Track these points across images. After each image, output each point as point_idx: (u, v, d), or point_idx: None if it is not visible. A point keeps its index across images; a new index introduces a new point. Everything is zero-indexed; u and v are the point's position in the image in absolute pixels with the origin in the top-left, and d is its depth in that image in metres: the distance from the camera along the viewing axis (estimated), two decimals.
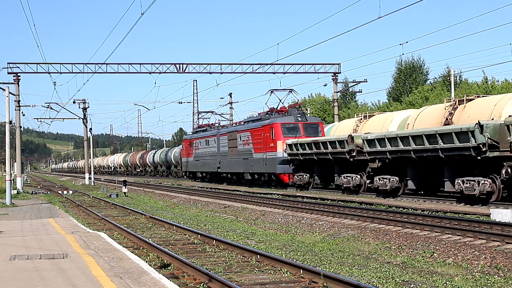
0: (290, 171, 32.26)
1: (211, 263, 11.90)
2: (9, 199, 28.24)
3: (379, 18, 27.45)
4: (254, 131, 35.51)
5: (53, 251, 11.90)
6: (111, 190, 40.93)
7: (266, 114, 36.03)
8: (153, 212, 24.97)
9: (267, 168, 33.86)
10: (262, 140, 34.25)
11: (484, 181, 18.64)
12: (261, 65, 45.23)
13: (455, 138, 19.26)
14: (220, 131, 41.99)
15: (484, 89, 51.59)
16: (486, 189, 18.59)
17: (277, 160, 32.52)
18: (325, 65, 46.72)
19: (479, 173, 19.26)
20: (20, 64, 44.29)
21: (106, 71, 43.95)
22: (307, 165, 31.18)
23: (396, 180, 23.42)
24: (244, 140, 36.93)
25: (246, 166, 36.74)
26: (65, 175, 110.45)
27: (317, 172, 30.65)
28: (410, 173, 22.98)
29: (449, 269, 11.43)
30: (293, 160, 31.70)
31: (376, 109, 65.62)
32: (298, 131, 32.86)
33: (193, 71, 45.38)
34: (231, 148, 39.07)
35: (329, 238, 16.32)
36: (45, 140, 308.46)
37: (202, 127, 49.40)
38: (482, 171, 19.16)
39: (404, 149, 21.96)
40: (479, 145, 18.27)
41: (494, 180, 18.64)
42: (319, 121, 35.01)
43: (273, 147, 32.86)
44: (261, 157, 34.28)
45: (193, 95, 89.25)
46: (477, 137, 18.27)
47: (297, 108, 35.19)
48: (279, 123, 32.85)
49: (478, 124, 18.31)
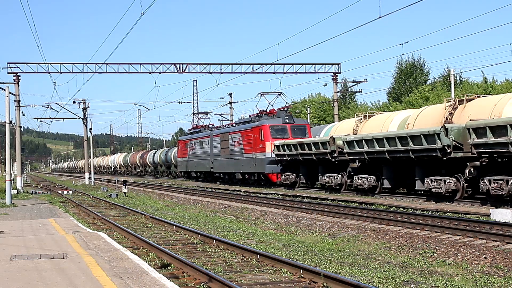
0: (278, 171, 33.63)
1: (211, 263, 11.90)
2: (9, 199, 28.24)
3: (379, 18, 27.43)
4: (244, 132, 37.01)
5: (53, 251, 11.90)
6: (111, 190, 40.93)
7: (256, 116, 37.50)
8: (153, 212, 24.97)
9: (257, 168, 35.31)
10: (252, 141, 35.69)
11: (449, 180, 20.29)
12: (261, 65, 45.22)
13: (424, 140, 20.78)
14: (213, 132, 43.69)
15: (484, 89, 51.56)
16: (451, 187, 20.20)
17: (265, 161, 33.99)
18: (325, 65, 46.70)
19: (445, 173, 20.77)
20: (20, 64, 44.30)
21: (106, 71, 43.93)
22: (294, 165, 32.54)
23: (373, 179, 24.91)
24: (235, 141, 38.45)
25: (237, 166, 38.20)
26: (65, 175, 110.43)
27: (302, 172, 32.05)
28: (386, 172, 24.40)
29: (449, 269, 11.43)
30: (281, 160, 33.05)
31: (376, 109, 65.58)
32: (286, 132, 34.32)
33: (193, 71, 45.38)
34: (223, 149, 40.63)
35: (329, 238, 16.32)
36: (45, 140, 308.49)
37: (197, 128, 51.18)
38: (448, 171, 20.69)
39: (379, 150, 23.47)
40: (445, 147, 19.75)
41: (458, 179, 20.27)
42: (306, 123, 36.58)
43: (262, 148, 34.32)
44: (251, 157, 35.73)
45: (193, 95, 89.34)
46: (443, 140, 19.77)
47: (285, 110, 36.33)
48: (268, 125, 34.35)
49: (443, 127, 19.85)
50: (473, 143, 18.77)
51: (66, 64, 43.87)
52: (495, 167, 18.74)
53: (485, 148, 18.44)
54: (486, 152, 18.59)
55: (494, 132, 18.09)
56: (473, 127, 18.84)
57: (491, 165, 18.95)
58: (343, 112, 65.79)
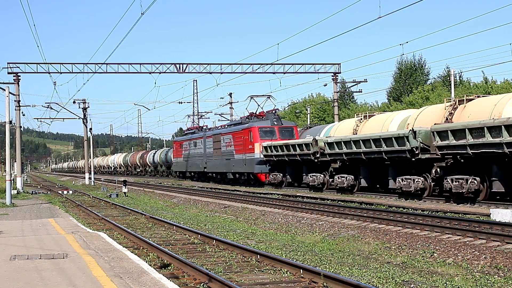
0: (266, 170, 35.35)
1: (211, 263, 11.90)
2: (9, 199, 28.22)
3: (379, 18, 27.42)
4: (235, 134, 38.78)
5: (53, 251, 11.90)
6: (111, 190, 40.93)
7: (246, 118, 39.38)
8: (153, 212, 24.97)
9: (246, 168, 37.09)
10: (242, 142, 37.40)
11: (418, 179, 22.08)
12: (261, 65, 45.16)
13: (395, 142, 22.59)
14: (206, 133, 45.58)
15: (484, 89, 51.54)
16: (419, 186, 21.98)
17: (254, 161, 35.74)
18: (325, 65, 46.64)
19: (415, 173, 22.51)
20: (20, 64, 44.20)
21: (106, 71, 43.87)
22: (281, 165, 34.30)
23: (352, 179, 26.83)
24: (226, 142, 40.23)
25: (229, 166, 39.94)
26: (65, 175, 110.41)
27: (289, 171, 33.75)
28: (363, 172, 26.32)
29: (449, 269, 11.43)
30: (269, 160, 34.76)
31: (376, 109, 65.55)
32: (274, 134, 36.01)
33: (193, 71, 45.32)
34: (215, 150, 42.47)
35: (329, 238, 16.31)
36: (45, 140, 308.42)
37: (191, 129, 53.11)
38: (417, 171, 22.43)
39: (356, 151, 25.27)
40: (413, 149, 21.58)
41: (426, 178, 22.06)
42: (294, 125, 38.41)
43: (251, 149, 36.06)
44: (241, 158, 37.51)
45: (193, 95, 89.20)
46: (411, 142, 21.62)
47: (273, 113, 37.77)
48: (257, 127, 36.11)
49: (411, 131, 21.68)
50: (437, 145, 20.43)
51: (66, 64, 43.83)
52: (458, 168, 20.29)
53: (448, 150, 20.08)
54: (449, 153, 20.20)
55: (455, 135, 19.69)
56: (437, 130, 20.50)
57: (454, 166, 20.48)
58: (343, 112, 65.79)
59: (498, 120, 18.23)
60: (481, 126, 18.59)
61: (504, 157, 18.27)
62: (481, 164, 19.57)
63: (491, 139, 18.17)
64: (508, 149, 17.68)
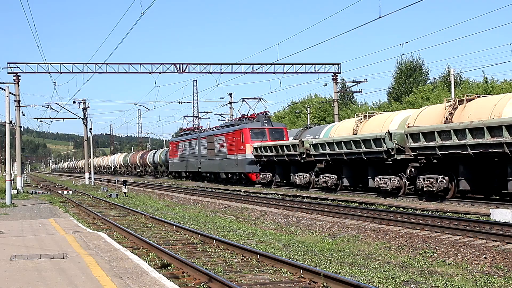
0: (257, 170, 36.70)
1: (211, 263, 11.90)
2: (9, 199, 28.23)
3: (379, 18, 27.43)
4: (227, 135, 40.25)
5: (53, 251, 11.90)
6: (111, 190, 40.92)
7: (238, 120, 41.02)
8: (153, 212, 24.96)
9: (238, 168, 38.49)
10: (234, 143, 38.86)
11: (394, 179, 23.49)
12: (261, 65, 45.15)
13: (373, 143, 23.90)
14: (201, 134, 47.02)
15: (484, 89, 51.51)
16: (395, 185, 23.40)
17: (245, 161, 37.09)
18: (325, 65, 46.63)
19: (391, 172, 23.91)
20: (20, 64, 44.19)
21: (106, 71, 43.85)
22: (270, 166, 35.75)
23: (335, 178, 28.19)
24: (220, 143, 41.65)
25: (222, 166, 41.34)
26: (65, 175, 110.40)
27: (278, 171, 35.25)
28: (345, 172, 27.72)
29: (449, 269, 11.43)
30: (259, 161, 36.13)
31: (376, 109, 65.52)
32: (265, 135, 37.36)
33: (193, 71, 45.30)
34: (209, 150, 43.89)
35: (329, 238, 16.32)
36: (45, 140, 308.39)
37: (186, 130, 54.46)
38: (393, 171, 23.82)
39: (339, 152, 26.62)
40: (389, 150, 22.95)
41: (401, 177, 23.43)
42: (284, 127, 39.82)
43: (243, 150, 37.43)
44: (233, 158, 38.88)
45: (193, 95, 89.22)
46: (387, 143, 22.96)
47: (264, 115, 39.06)
48: (248, 128, 37.49)
49: (387, 133, 23.02)
50: (410, 146, 21.79)
51: (66, 64, 43.81)
52: (430, 168, 21.55)
53: (419, 151, 21.40)
54: (421, 154, 21.47)
55: (425, 137, 20.90)
56: (410, 133, 21.85)
57: (427, 166, 21.69)
58: (343, 112, 65.78)
59: (463, 124, 19.47)
60: (448, 129, 19.81)
61: (469, 158, 19.52)
62: (449, 165, 20.90)
63: (457, 141, 19.43)
64: (472, 150, 18.91)
